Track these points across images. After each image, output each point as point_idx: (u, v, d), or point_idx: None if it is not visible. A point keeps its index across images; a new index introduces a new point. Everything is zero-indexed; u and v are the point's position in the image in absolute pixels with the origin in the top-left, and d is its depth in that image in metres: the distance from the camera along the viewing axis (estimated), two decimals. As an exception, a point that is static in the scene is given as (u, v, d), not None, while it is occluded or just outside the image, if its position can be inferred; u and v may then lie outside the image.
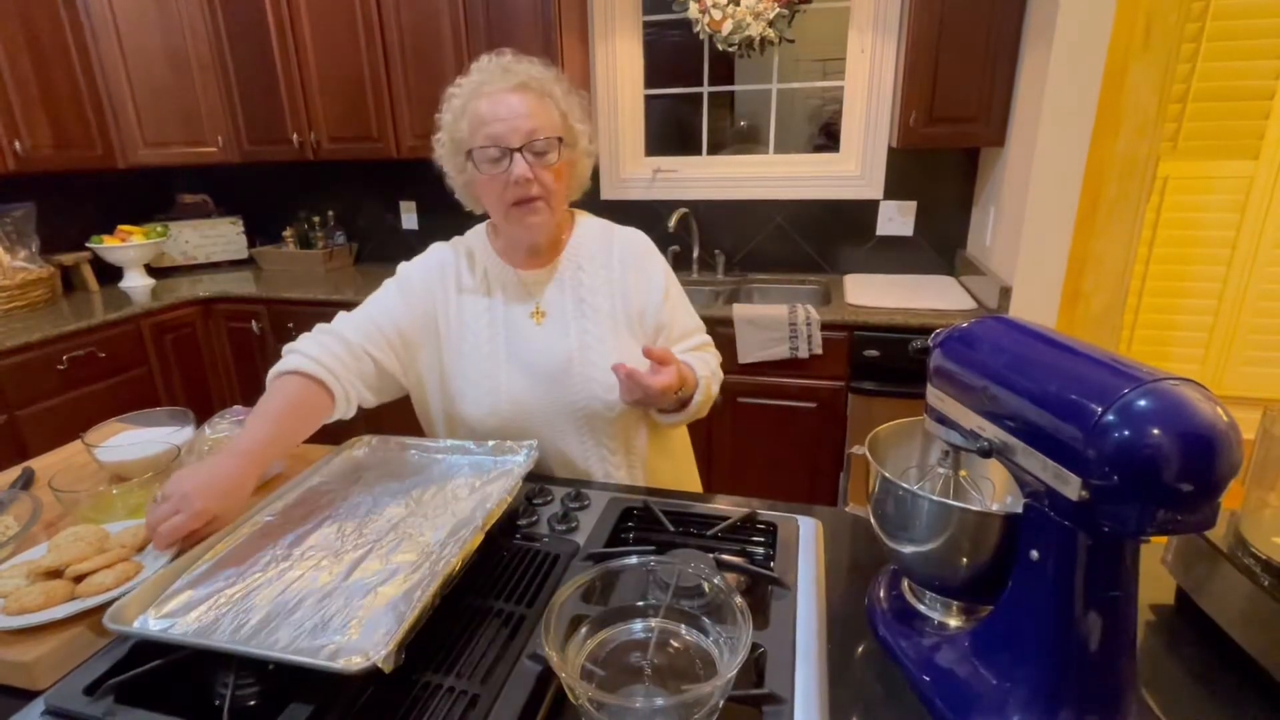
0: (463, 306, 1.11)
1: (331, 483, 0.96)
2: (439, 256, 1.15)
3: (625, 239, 1.15)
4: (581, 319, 1.09)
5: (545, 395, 1.08)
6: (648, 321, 1.12)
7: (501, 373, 1.08)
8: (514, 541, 0.87)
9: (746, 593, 0.79)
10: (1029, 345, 0.59)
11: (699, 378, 1.06)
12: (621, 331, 1.10)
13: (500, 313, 1.11)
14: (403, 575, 0.76)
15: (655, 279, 1.12)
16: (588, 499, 0.96)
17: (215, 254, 3.04)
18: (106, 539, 0.82)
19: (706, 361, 1.12)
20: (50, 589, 0.74)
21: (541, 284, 1.11)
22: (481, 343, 1.10)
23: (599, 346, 1.08)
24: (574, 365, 1.07)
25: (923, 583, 0.73)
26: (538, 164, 1.00)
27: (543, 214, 1.04)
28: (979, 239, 2.30)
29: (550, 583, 0.79)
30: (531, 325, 1.10)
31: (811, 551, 0.84)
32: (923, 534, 0.67)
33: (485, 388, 1.08)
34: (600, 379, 1.06)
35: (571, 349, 1.08)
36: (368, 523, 0.87)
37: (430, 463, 1.02)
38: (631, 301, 1.11)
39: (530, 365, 1.08)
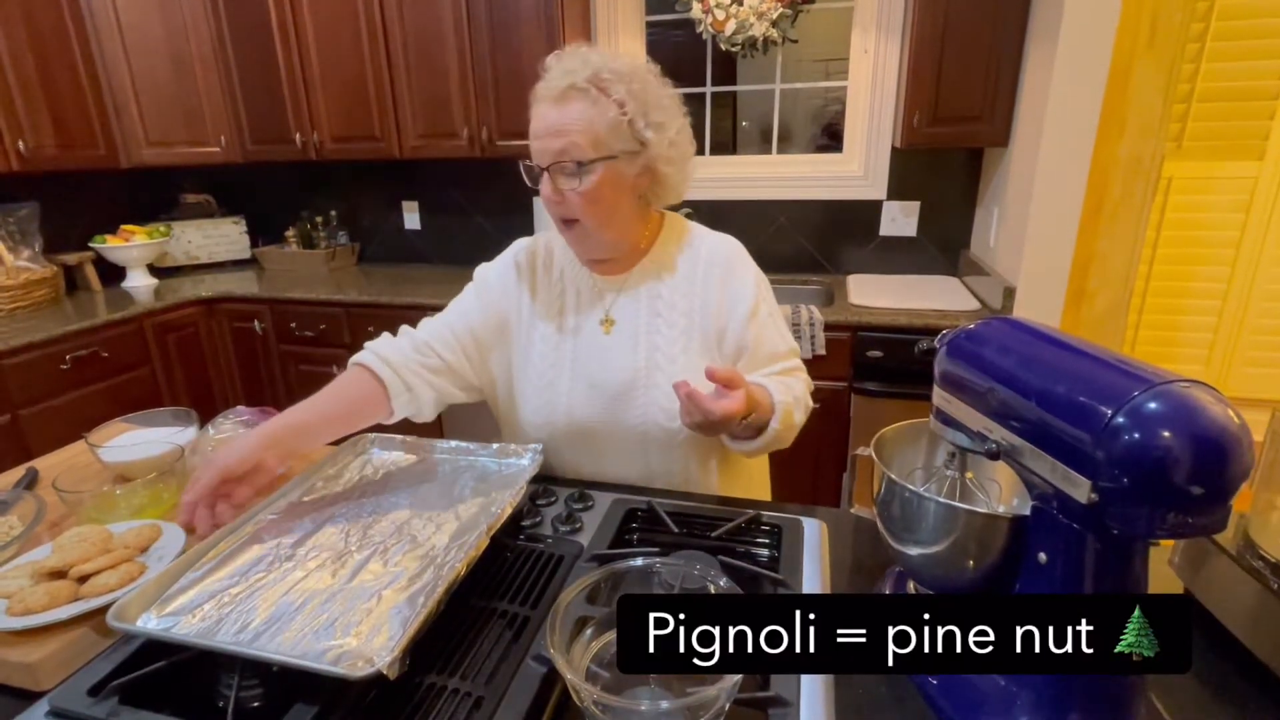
0: (535, 307, 1.08)
1: (336, 483, 0.96)
2: (516, 254, 1.12)
3: (713, 248, 1.05)
4: (653, 334, 1.02)
5: (604, 412, 1.02)
6: (728, 342, 1.02)
7: (563, 382, 1.04)
8: (518, 542, 0.87)
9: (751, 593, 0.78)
10: (1036, 346, 0.59)
11: (776, 403, 0.94)
12: (694, 351, 1.02)
13: (570, 317, 1.06)
14: (406, 579, 0.75)
15: (743, 295, 1.02)
16: (592, 500, 0.96)
17: (218, 254, 3.04)
18: (110, 539, 0.82)
19: (789, 386, 0.99)
20: (54, 589, 0.74)
21: (615, 290, 1.05)
22: (548, 349, 1.06)
23: (668, 366, 1.01)
24: (638, 383, 1.01)
25: (929, 585, 0.73)
26: (566, 185, 0.94)
27: (584, 240, 1.00)
28: (983, 239, 2.29)
29: (554, 584, 0.79)
30: (599, 334, 1.04)
31: (816, 553, 0.83)
32: (929, 536, 0.67)
33: (545, 397, 1.04)
34: (663, 402, 0.99)
35: (638, 365, 1.01)
36: (372, 524, 0.86)
37: (435, 464, 1.02)
38: (711, 318, 1.02)
39: (592, 378, 1.03)
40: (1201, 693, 0.65)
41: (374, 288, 2.55)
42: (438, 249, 2.97)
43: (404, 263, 3.00)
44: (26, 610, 0.72)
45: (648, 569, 0.67)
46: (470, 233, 2.89)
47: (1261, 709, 0.63)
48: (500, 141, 2.43)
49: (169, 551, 0.82)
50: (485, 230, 2.86)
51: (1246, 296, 2.95)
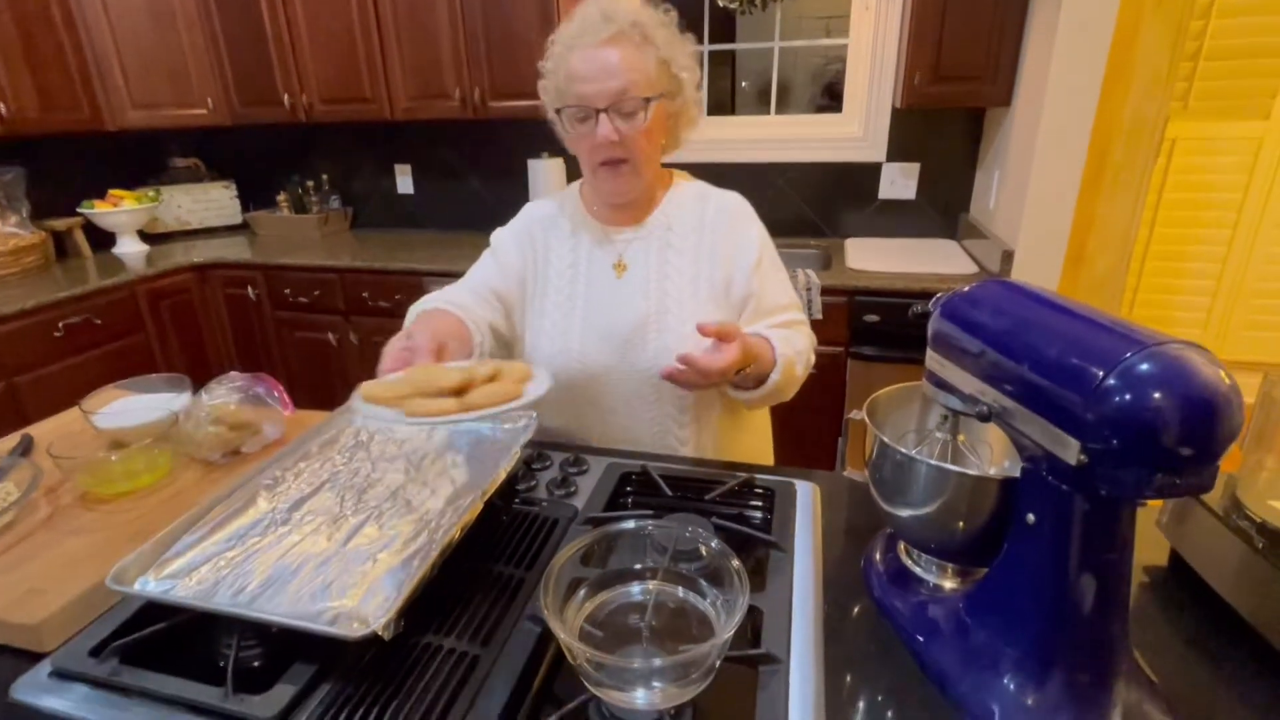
0: (549, 260, 1.11)
1: (329, 448, 0.96)
2: (529, 213, 1.16)
3: (721, 202, 1.11)
4: (663, 280, 1.06)
5: (616, 357, 1.05)
6: (735, 290, 1.06)
7: (575, 328, 1.07)
8: (513, 506, 0.87)
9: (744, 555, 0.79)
10: (1030, 309, 0.58)
11: (778, 355, 0.98)
12: (703, 298, 1.05)
13: (583, 263, 1.09)
14: (401, 543, 0.76)
15: (748, 246, 1.07)
16: (586, 464, 0.97)
17: (209, 219, 3.00)
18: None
19: (790, 340, 1.02)
20: (443, 403, 0.77)
21: (627, 240, 1.09)
22: (561, 299, 1.09)
23: (678, 310, 1.04)
24: (649, 327, 1.04)
25: (919, 546, 0.73)
26: (624, 125, 0.97)
27: (628, 177, 1.02)
28: (982, 202, 2.27)
29: (549, 546, 0.79)
30: (611, 277, 1.08)
31: (809, 515, 0.84)
32: (919, 498, 0.67)
33: (558, 345, 1.06)
34: (674, 346, 0.98)
35: (649, 310, 1.05)
36: (367, 489, 0.87)
37: (429, 429, 1.02)
38: (719, 267, 1.06)
39: (604, 324, 1.06)
40: (1184, 650, 0.67)
41: (368, 253, 2.52)
42: (431, 213, 2.94)
43: (397, 228, 2.97)
44: (426, 412, 0.76)
45: (640, 531, 0.68)
46: (464, 196, 2.85)
47: (1244, 667, 0.64)
48: (493, 103, 2.38)
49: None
50: (479, 194, 2.83)
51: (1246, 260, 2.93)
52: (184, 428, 0.94)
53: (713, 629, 0.62)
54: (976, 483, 0.63)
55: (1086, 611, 0.54)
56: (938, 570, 0.73)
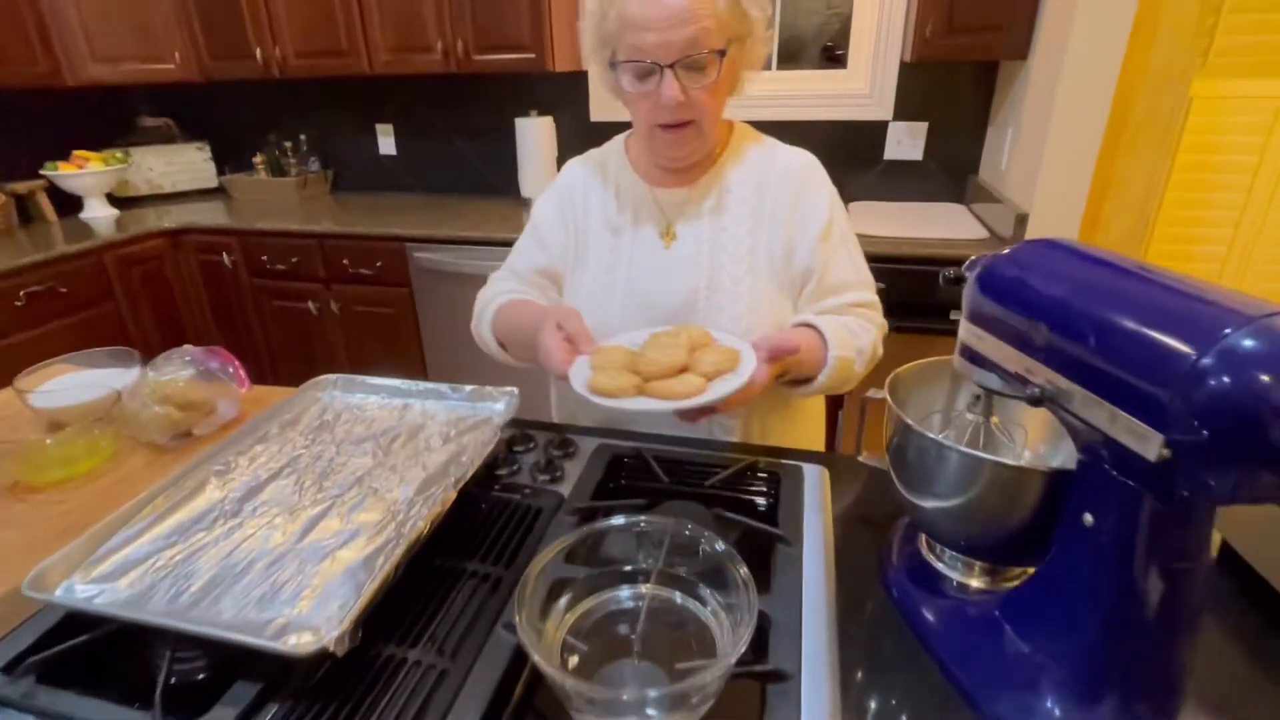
0: (588, 225, 0.99)
1: (290, 429, 0.88)
2: (568, 179, 1.02)
3: (789, 161, 0.96)
4: (717, 251, 0.93)
5: (660, 326, 0.93)
6: (796, 263, 0.92)
7: (615, 302, 0.94)
8: (492, 494, 0.79)
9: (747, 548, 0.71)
10: (1093, 272, 0.49)
11: (830, 356, 0.85)
12: (761, 272, 0.92)
13: (626, 232, 0.96)
14: (365, 538, 0.68)
15: (816, 212, 0.92)
16: (574, 446, 0.88)
17: (182, 183, 2.86)
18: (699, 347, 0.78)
19: (854, 335, 0.89)
20: (624, 380, 0.72)
21: (679, 204, 0.95)
22: (601, 269, 0.96)
23: (731, 287, 0.91)
24: (697, 304, 0.92)
25: (944, 540, 0.66)
26: (693, 83, 0.82)
27: (692, 142, 0.88)
28: (993, 163, 2.16)
29: (531, 540, 0.71)
30: (659, 247, 0.95)
31: (818, 503, 0.76)
32: (948, 488, 0.59)
33: (595, 318, 0.91)
34: (727, 326, 0.89)
35: (698, 285, 0.92)
36: (329, 475, 0.78)
37: (401, 408, 0.93)
38: (780, 237, 0.92)
39: (647, 297, 0.93)
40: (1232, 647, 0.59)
41: (348, 217, 2.40)
42: (415, 175, 2.80)
43: (380, 191, 2.84)
44: (599, 389, 0.70)
45: (631, 527, 0.60)
46: (449, 157, 2.72)
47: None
48: (478, 56, 2.24)
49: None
50: (465, 154, 2.69)
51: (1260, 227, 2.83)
52: (128, 407, 0.85)
53: (713, 641, 0.55)
54: (1018, 475, 0.54)
55: (1151, 630, 0.46)
56: (964, 568, 0.65)
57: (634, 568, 0.59)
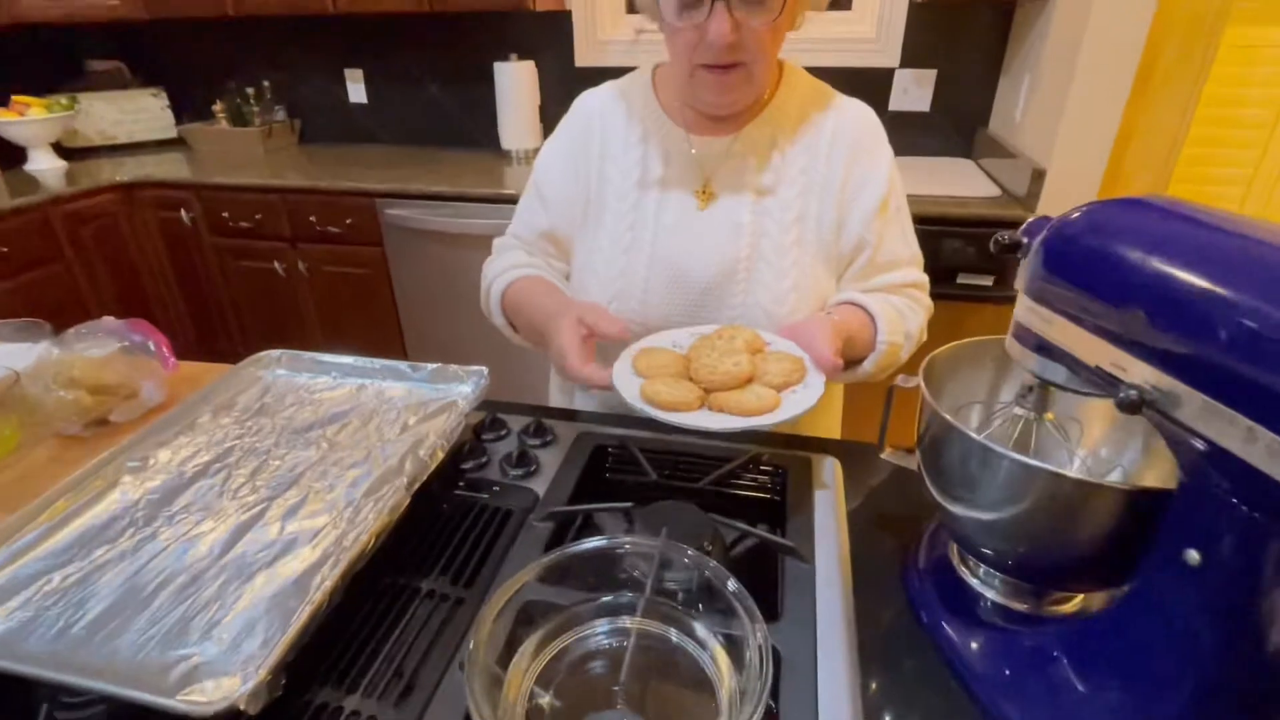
0: (606, 175, 0.83)
1: (224, 415, 0.76)
2: (581, 116, 0.86)
3: (848, 115, 0.82)
4: (762, 216, 0.79)
5: (688, 312, 0.80)
6: (847, 234, 0.80)
7: (638, 271, 0.81)
8: (455, 493, 0.68)
9: (750, 558, 0.62)
10: (1215, 241, 0.38)
11: (879, 341, 0.77)
12: (809, 242, 0.80)
13: (653, 190, 0.82)
14: (303, 550, 0.57)
15: (874, 179, 0.80)
16: (551, 434, 0.78)
17: (138, 133, 2.66)
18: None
19: (902, 317, 0.80)
20: (684, 389, 0.63)
21: (718, 157, 0.80)
22: (621, 229, 0.82)
23: (776, 260, 0.78)
24: (737, 277, 0.79)
25: (983, 556, 0.56)
26: (749, 17, 0.68)
27: (740, 88, 0.74)
28: (1006, 114, 2.02)
29: (498, 549, 0.61)
30: (692, 208, 0.81)
31: (831, 504, 0.66)
32: (996, 499, 0.49)
33: (615, 289, 0.81)
34: (767, 304, 0.78)
35: (738, 255, 0.79)
36: (265, 471, 0.67)
37: (354, 389, 0.81)
38: (831, 204, 0.79)
39: (678, 267, 0.80)
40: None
41: (315, 171, 2.23)
42: (388, 125, 2.62)
43: (350, 142, 2.65)
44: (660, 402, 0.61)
45: (612, 552, 0.49)
46: (424, 105, 2.53)
47: None
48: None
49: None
50: (441, 102, 2.51)
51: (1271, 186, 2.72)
52: (29, 391, 0.73)
53: (712, 689, 0.45)
54: (1092, 492, 0.44)
55: (1269, 701, 0.37)
56: (1004, 588, 0.56)
57: (615, 598, 0.49)
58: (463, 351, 2.15)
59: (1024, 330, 0.48)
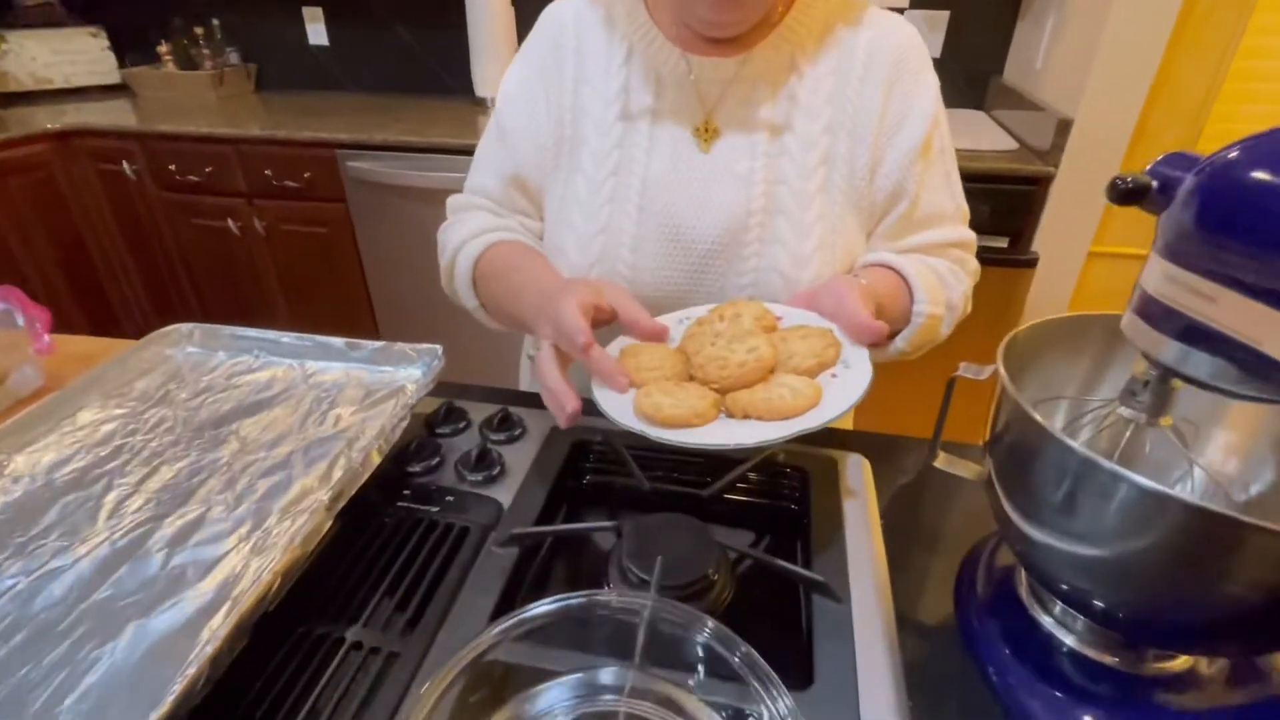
0: (583, 105, 0.67)
1: (114, 404, 0.62)
2: (551, 34, 0.69)
3: (885, 31, 0.65)
4: (777, 156, 0.64)
5: (688, 279, 0.66)
6: (881, 180, 0.65)
7: (625, 227, 0.65)
8: (397, 505, 0.55)
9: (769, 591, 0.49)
10: None
11: (917, 312, 0.63)
12: (837, 191, 0.65)
13: (643, 120, 0.66)
14: (191, 590, 0.44)
15: (918, 111, 0.64)
16: (520, 426, 0.64)
17: (76, 76, 2.43)
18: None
19: (945, 283, 0.66)
20: (696, 396, 0.48)
21: (723, 83, 0.64)
22: (601, 174, 0.66)
23: (798, 212, 0.64)
24: (748, 236, 0.64)
25: (1068, 597, 0.44)
26: None
27: (748, 4, 0.59)
28: (1024, 62, 1.86)
29: (447, 584, 0.48)
30: (692, 147, 0.65)
31: (863, 519, 0.54)
32: (1104, 531, 0.37)
33: (592, 252, 0.66)
34: (785, 267, 0.63)
35: (751, 206, 0.64)
36: (157, 479, 0.54)
37: (280, 372, 0.67)
38: (866, 142, 0.64)
39: (674, 223, 0.65)
40: None
41: (271, 120, 2.04)
42: (351, 71, 2.41)
43: (311, 89, 2.44)
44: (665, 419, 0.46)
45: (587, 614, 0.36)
46: (389, 48, 2.32)
47: None
48: (416, -83, 1.83)
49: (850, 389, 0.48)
50: (409, 45, 2.30)
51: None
52: None
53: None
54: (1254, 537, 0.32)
55: None
56: (1089, 635, 0.44)
57: (594, 672, 0.36)
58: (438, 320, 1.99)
59: (1157, 307, 0.35)
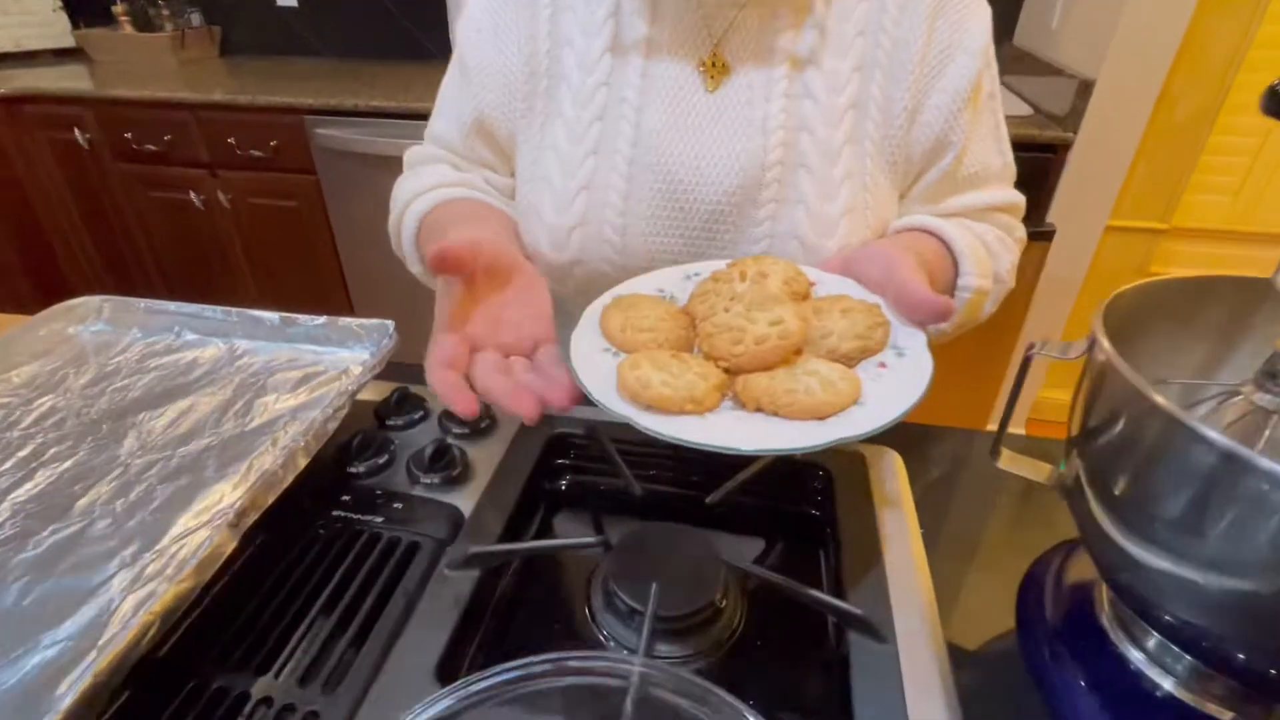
0: (561, 36, 0.56)
1: None
2: None
3: None
4: (799, 97, 0.53)
5: (689, 247, 0.55)
6: (922, 129, 0.54)
7: (613, 185, 0.55)
8: (332, 514, 0.45)
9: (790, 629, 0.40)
10: None
11: (963, 286, 0.53)
12: (869, 141, 0.54)
13: (634, 56, 0.55)
14: (50, 633, 0.34)
15: (968, 47, 0.53)
16: (487, 417, 0.54)
17: (28, 40, 2.27)
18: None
19: (993, 253, 0.56)
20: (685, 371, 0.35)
21: (734, 7, 0.53)
22: (586, 118, 0.55)
23: (821, 166, 0.53)
24: (763, 192, 0.53)
25: (1173, 632, 0.34)
26: None
27: None
28: (1037, 23, 1.75)
29: (385, 621, 0.38)
30: (696, 85, 0.54)
31: (902, 530, 0.44)
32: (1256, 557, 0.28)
33: (575, 212, 0.55)
34: (806, 234, 0.53)
35: (766, 158, 0.53)
36: (28, 485, 0.43)
37: (202, 354, 0.57)
38: (904, 84, 0.53)
39: (673, 181, 0.54)
40: None
41: (234, 84, 1.90)
42: (322, 33, 2.26)
43: (281, 55, 2.30)
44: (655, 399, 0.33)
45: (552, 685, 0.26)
46: (362, 9, 2.17)
47: None
48: None
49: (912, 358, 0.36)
50: (383, 6, 2.15)
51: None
52: None
53: None
54: None
55: None
56: (1194, 679, 0.35)
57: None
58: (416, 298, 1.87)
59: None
